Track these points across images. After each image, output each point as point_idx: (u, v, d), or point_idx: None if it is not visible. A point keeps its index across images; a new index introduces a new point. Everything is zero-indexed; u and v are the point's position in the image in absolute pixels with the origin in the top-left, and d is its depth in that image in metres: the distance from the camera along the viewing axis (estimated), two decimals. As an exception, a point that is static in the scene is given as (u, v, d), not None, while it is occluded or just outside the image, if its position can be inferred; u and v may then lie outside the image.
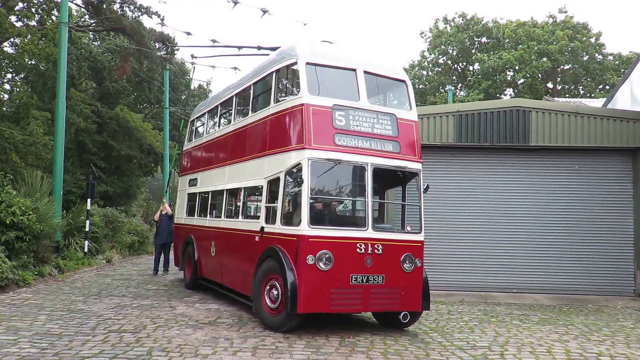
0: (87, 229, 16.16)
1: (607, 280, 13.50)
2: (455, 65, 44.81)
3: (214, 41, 16.98)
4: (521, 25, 38.70)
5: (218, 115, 12.37)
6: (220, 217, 11.21)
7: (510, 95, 40.02)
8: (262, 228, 8.85)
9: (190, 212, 13.38)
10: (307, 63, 8.44)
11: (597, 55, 38.73)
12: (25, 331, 7.47)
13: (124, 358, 6.30)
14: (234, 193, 10.76)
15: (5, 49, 20.64)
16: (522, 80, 39.03)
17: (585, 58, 38.37)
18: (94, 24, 24.39)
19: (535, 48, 36.54)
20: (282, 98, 8.98)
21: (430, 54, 44.32)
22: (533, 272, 13.51)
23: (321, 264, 7.75)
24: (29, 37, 20.23)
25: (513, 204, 13.74)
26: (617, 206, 13.64)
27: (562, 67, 39.57)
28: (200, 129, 14.02)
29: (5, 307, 9.22)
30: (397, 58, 69.52)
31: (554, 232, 13.58)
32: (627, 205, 13.63)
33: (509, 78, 39.90)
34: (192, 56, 26.52)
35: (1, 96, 23.02)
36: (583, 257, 13.53)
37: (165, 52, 25.54)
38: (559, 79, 40.97)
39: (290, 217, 8.37)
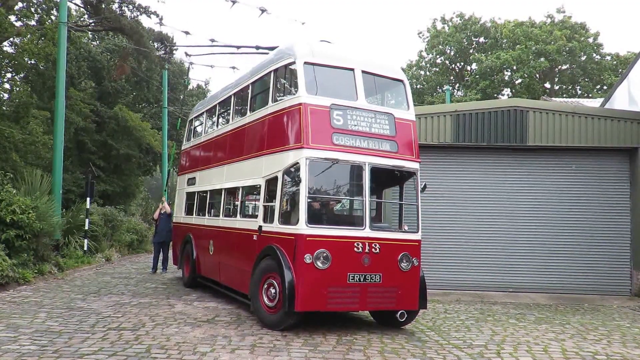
0: (86, 228, 16.23)
1: (604, 279, 13.55)
2: (453, 65, 44.85)
3: (212, 40, 17.05)
4: (519, 25, 38.75)
5: (216, 114, 12.42)
6: (218, 216, 11.26)
7: (508, 95, 40.06)
8: (260, 227, 8.90)
9: (189, 211, 13.43)
10: (305, 63, 8.48)
11: (594, 55, 38.78)
12: (25, 328, 7.52)
13: (123, 355, 6.35)
14: (232, 192, 10.81)
15: (4, 48, 20.67)
16: (519, 80, 39.07)
17: (583, 58, 38.41)
18: (93, 24, 24.42)
19: (533, 48, 36.58)
20: (280, 97, 9.02)
21: (428, 54, 44.37)
22: (530, 271, 13.56)
23: (319, 263, 7.80)
24: (28, 36, 20.28)
25: (510, 204, 13.79)
26: (613, 206, 13.69)
27: (559, 67, 39.62)
28: (199, 128, 14.06)
29: (5, 305, 9.27)
30: (395, 58, 69.63)
31: (550, 232, 13.63)
32: (624, 205, 13.68)
33: (506, 78, 39.95)
34: (187, 54, 26.43)
35: (1, 95, 23.08)
36: (579, 256, 13.59)
37: (164, 52, 25.58)
38: (556, 79, 41.02)
39: (288, 216, 8.42)
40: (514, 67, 37.83)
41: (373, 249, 8.17)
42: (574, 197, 13.75)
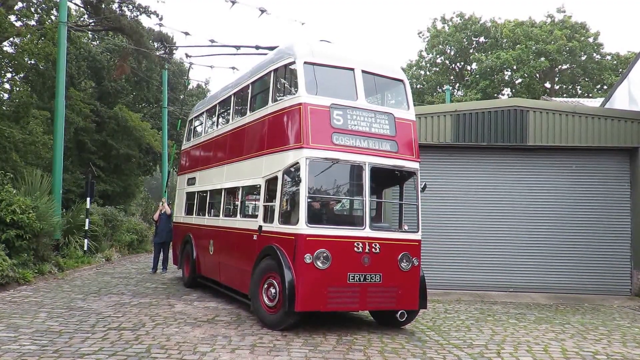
0: (86, 228, 16.23)
1: (604, 279, 13.55)
2: (453, 65, 44.84)
3: (212, 41, 17.05)
4: (519, 25, 38.74)
5: (216, 114, 12.41)
6: (218, 215, 11.25)
7: (508, 95, 40.07)
8: (260, 227, 8.90)
9: (189, 211, 13.43)
10: (305, 62, 8.48)
11: (595, 55, 38.77)
12: (25, 328, 7.52)
13: (123, 355, 6.35)
14: (232, 192, 10.81)
15: (4, 48, 20.67)
16: (519, 80, 39.06)
17: (583, 58, 38.40)
18: (92, 24, 24.45)
19: (533, 48, 36.58)
20: (280, 97, 9.02)
21: (428, 54, 44.35)
22: (530, 271, 13.56)
23: (319, 263, 7.80)
24: (28, 36, 20.27)
25: (510, 204, 13.79)
26: (614, 206, 13.69)
27: (560, 66, 39.61)
28: (199, 128, 14.05)
29: (5, 305, 9.27)
30: (395, 58, 69.58)
31: (550, 232, 13.62)
32: (624, 204, 13.68)
33: (506, 78, 39.94)
34: (187, 55, 26.49)
35: (1, 95, 23.08)
36: (580, 256, 13.58)
37: (163, 52, 25.60)
38: (556, 79, 41.01)
39: (288, 216, 8.42)
40: (514, 67, 37.82)
41: (373, 249, 8.17)
42: (574, 197, 13.74)
